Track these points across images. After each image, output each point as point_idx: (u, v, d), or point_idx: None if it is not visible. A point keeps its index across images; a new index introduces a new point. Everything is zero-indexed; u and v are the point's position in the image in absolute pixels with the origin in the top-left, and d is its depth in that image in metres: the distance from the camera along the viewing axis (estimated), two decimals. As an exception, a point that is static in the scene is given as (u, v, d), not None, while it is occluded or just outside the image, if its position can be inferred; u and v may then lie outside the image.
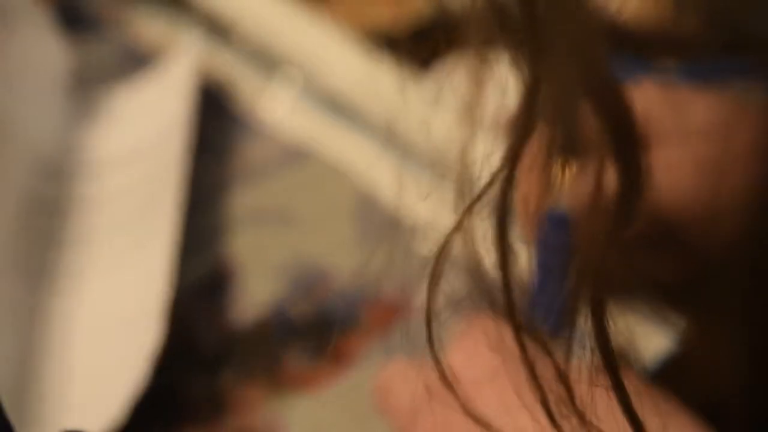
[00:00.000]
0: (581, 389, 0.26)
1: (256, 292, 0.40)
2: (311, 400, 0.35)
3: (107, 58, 0.58)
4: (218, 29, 0.57)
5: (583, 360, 0.35)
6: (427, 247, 0.40)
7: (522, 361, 0.26)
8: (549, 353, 0.29)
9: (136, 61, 0.57)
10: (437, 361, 0.26)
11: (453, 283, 0.38)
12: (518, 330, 0.30)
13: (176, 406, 0.35)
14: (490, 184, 0.25)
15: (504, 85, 0.53)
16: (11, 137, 0.44)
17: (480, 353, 0.28)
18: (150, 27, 0.61)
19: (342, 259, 0.41)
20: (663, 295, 0.36)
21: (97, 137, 0.49)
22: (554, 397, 0.25)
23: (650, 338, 0.36)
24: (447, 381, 0.27)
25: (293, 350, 0.37)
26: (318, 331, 0.38)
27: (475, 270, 0.34)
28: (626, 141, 0.24)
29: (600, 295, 0.35)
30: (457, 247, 0.40)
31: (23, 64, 0.47)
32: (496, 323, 0.31)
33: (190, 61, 0.48)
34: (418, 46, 0.60)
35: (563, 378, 0.26)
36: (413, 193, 0.44)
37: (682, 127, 0.34)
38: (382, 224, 0.42)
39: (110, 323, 0.38)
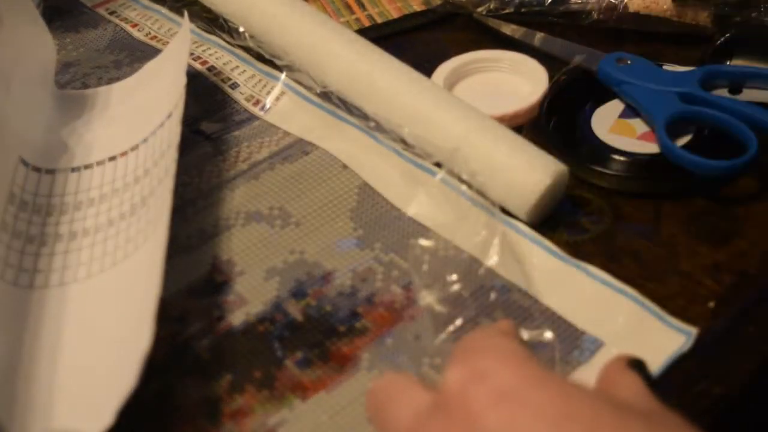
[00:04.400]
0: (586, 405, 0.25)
1: (254, 292, 0.39)
2: (311, 404, 0.34)
3: (102, 51, 0.58)
4: (217, 25, 0.56)
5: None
6: (426, 246, 0.39)
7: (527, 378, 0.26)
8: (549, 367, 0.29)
9: (132, 55, 0.57)
10: None
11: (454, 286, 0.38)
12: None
13: (170, 410, 0.35)
14: None
15: (507, 81, 0.52)
16: (1, 131, 0.43)
17: (485, 369, 0.27)
18: (147, 21, 0.60)
19: (342, 258, 0.40)
20: None
21: (90, 132, 0.48)
22: (560, 415, 0.25)
23: (662, 338, 0.35)
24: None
25: (292, 352, 0.36)
26: (318, 333, 0.37)
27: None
28: None
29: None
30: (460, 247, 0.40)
31: (12, 57, 0.46)
32: (496, 335, 0.30)
33: (186, 57, 0.47)
34: (421, 42, 0.59)
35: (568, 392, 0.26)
36: (414, 190, 0.43)
37: None
38: (382, 222, 0.42)
39: (102, 324, 0.37)
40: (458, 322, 0.36)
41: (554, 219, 0.41)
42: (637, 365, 0.31)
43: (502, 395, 0.26)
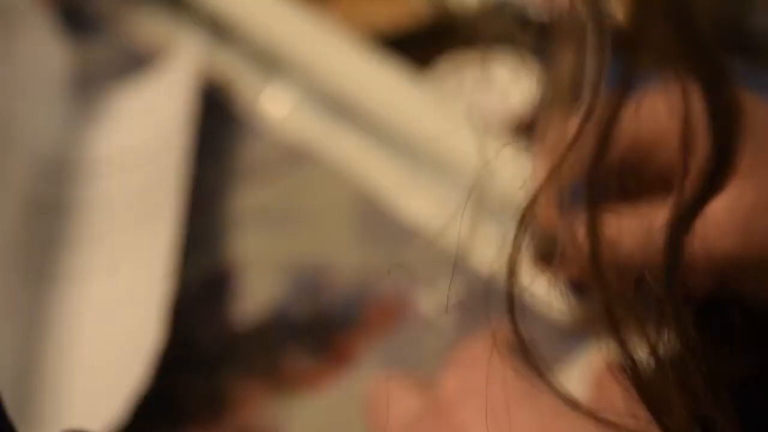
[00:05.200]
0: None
1: (256, 292, 0.39)
2: (311, 400, 0.35)
3: (108, 58, 0.58)
4: (219, 29, 0.56)
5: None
6: (426, 247, 0.39)
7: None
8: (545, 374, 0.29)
9: (137, 61, 0.57)
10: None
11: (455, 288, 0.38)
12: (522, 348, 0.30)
13: (177, 407, 0.35)
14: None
15: (507, 85, 0.53)
16: (13, 139, 0.43)
17: (476, 383, 0.27)
18: (151, 27, 0.61)
19: (342, 259, 0.41)
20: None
21: (98, 138, 0.48)
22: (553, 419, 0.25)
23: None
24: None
25: (293, 350, 0.37)
26: (318, 331, 0.37)
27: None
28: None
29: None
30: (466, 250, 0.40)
31: (25, 66, 0.47)
32: (492, 346, 0.30)
33: (191, 61, 0.48)
34: (418, 46, 0.59)
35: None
36: (413, 193, 0.44)
37: None
38: (382, 224, 0.42)
39: (112, 323, 0.37)
40: (458, 322, 0.37)
41: (554, 219, 0.41)
42: (634, 365, 0.31)
43: (490, 411, 0.26)
